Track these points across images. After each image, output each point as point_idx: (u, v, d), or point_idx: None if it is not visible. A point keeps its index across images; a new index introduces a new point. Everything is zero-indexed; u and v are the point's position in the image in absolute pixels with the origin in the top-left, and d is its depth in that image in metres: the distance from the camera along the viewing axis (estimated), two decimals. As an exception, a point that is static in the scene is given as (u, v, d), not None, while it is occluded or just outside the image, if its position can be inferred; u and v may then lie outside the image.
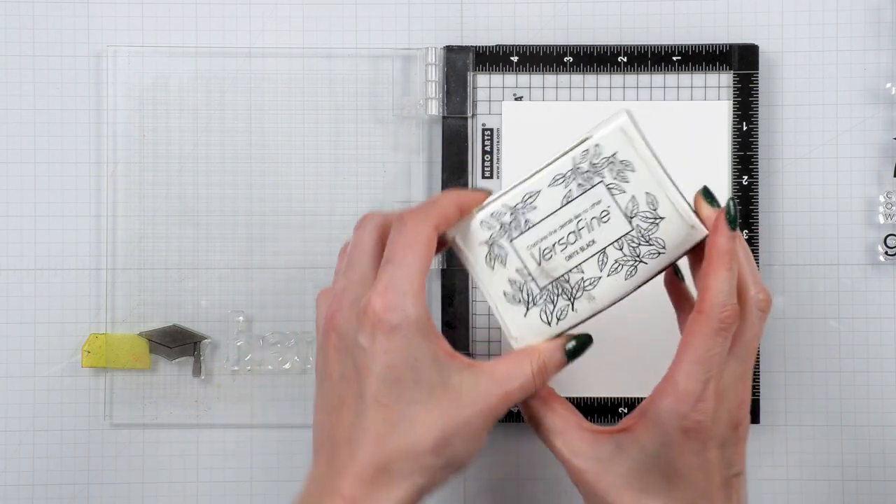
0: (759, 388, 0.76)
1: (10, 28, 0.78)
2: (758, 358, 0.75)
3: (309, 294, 0.77)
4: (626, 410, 0.76)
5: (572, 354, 0.65)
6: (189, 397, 0.77)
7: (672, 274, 0.67)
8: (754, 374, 0.75)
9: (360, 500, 0.59)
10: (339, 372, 0.61)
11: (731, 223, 0.61)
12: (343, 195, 0.77)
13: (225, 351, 0.77)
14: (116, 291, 0.77)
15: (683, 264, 0.65)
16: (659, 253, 0.63)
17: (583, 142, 0.63)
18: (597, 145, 0.62)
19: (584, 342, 0.65)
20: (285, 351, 0.77)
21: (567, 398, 0.76)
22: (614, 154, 0.62)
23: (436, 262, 0.77)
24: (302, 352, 0.77)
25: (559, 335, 0.64)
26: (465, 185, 0.77)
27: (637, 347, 0.76)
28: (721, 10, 0.78)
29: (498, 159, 0.77)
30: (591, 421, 0.76)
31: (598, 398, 0.76)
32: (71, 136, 0.78)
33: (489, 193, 0.64)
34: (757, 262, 0.75)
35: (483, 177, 0.77)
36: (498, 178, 0.77)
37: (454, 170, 0.77)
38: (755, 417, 0.76)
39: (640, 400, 0.76)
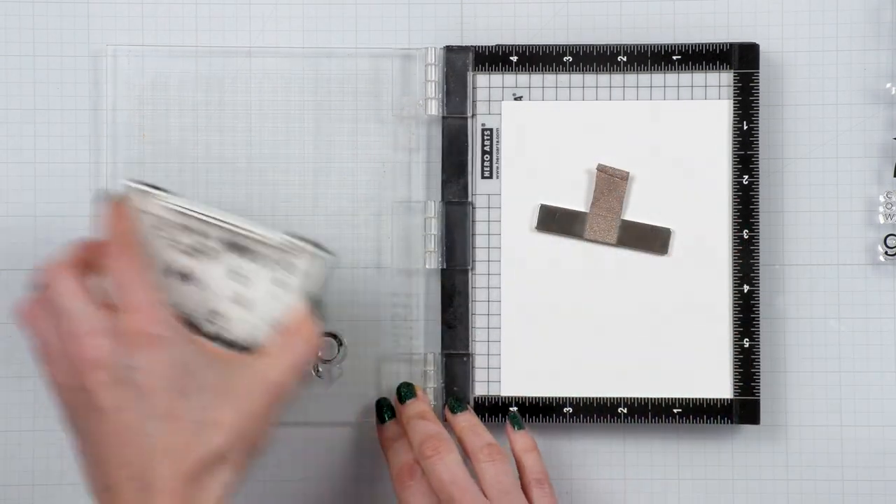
0: (759, 389, 0.76)
1: (9, 28, 0.78)
2: (758, 358, 0.75)
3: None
4: (625, 411, 0.76)
5: (318, 306, 0.68)
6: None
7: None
8: (755, 374, 0.75)
9: None
10: (115, 404, 0.61)
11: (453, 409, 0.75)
12: (343, 195, 0.77)
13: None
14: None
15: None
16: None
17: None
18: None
19: (319, 299, 0.68)
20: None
21: (567, 398, 0.76)
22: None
23: (435, 262, 0.77)
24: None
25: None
26: (465, 185, 0.77)
27: (637, 347, 0.76)
28: (721, 9, 0.78)
29: (497, 159, 0.77)
30: (592, 421, 0.76)
31: (597, 398, 0.76)
32: (70, 135, 0.78)
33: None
34: (757, 262, 0.76)
35: (483, 177, 0.77)
36: (497, 177, 0.77)
37: (454, 170, 0.77)
38: (755, 417, 0.76)
39: (640, 400, 0.76)
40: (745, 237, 0.76)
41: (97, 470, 0.62)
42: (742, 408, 0.75)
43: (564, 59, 0.76)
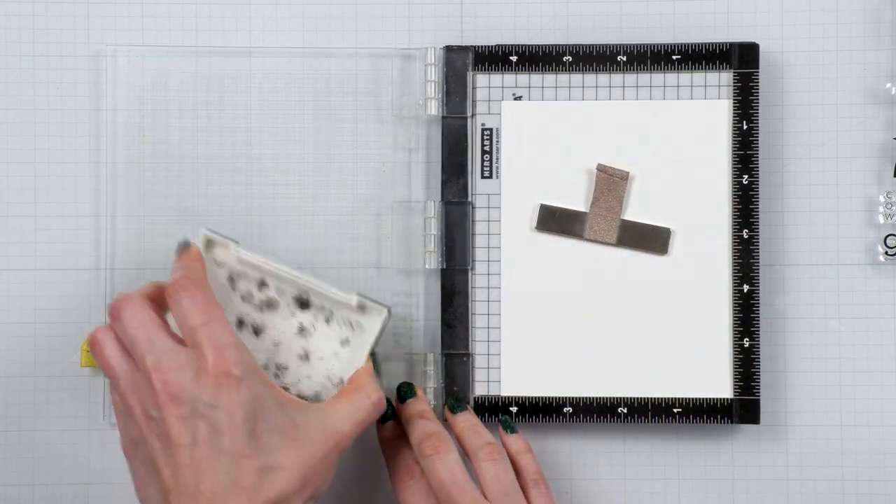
0: (759, 388, 0.76)
1: (10, 28, 0.78)
2: (758, 357, 0.75)
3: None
4: (625, 411, 0.76)
5: (377, 363, 0.72)
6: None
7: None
8: (755, 374, 0.75)
9: None
10: (190, 438, 0.63)
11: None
12: (343, 195, 0.77)
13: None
14: (116, 291, 0.77)
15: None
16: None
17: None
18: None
19: (377, 355, 0.73)
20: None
21: (567, 398, 0.76)
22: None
23: (435, 262, 0.77)
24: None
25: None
26: (465, 184, 0.77)
27: (637, 347, 0.76)
28: (721, 9, 0.78)
29: (497, 159, 0.77)
30: (592, 421, 0.76)
31: (597, 398, 0.76)
32: (70, 135, 0.78)
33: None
34: (757, 262, 0.76)
35: (483, 176, 0.77)
36: (497, 177, 0.77)
37: (454, 170, 0.77)
38: (755, 417, 0.76)
39: (640, 400, 0.76)
40: (745, 237, 0.76)
41: (162, 500, 0.64)
42: (742, 408, 0.75)
43: (564, 59, 0.76)
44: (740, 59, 0.76)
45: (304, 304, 0.71)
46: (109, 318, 0.67)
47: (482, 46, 0.77)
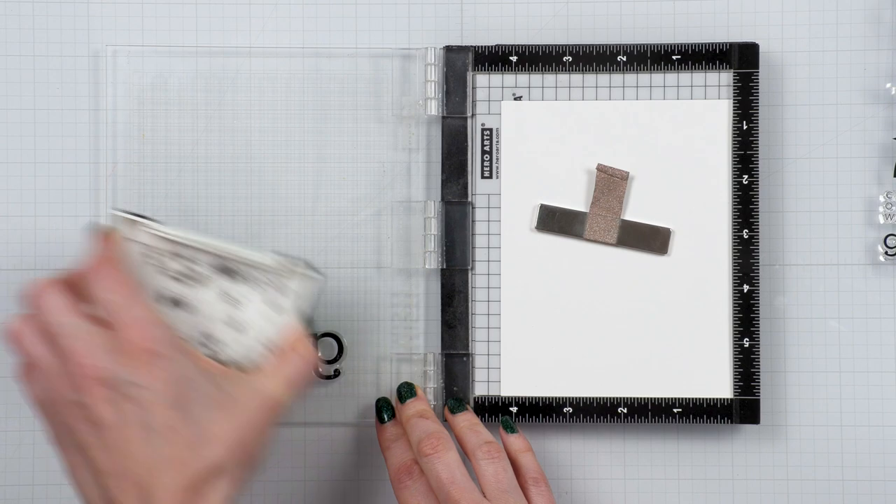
0: (759, 388, 0.76)
1: (10, 28, 0.78)
2: (758, 358, 0.75)
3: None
4: (625, 411, 0.76)
5: (309, 325, 0.70)
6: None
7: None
8: (755, 374, 0.75)
9: None
10: (116, 419, 0.62)
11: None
12: (343, 195, 0.77)
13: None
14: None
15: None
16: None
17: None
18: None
19: (310, 318, 0.70)
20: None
21: (567, 398, 0.76)
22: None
23: (435, 262, 0.77)
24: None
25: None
26: (465, 184, 0.77)
27: (637, 347, 0.76)
28: (721, 9, 0.78)
29: (497, 159, 0.77)
30: (592, 421, 0.76)
31: (598, 398, 0.76)
32: (70, 136, 0.78)
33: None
34: (757, 262, 0.76)
35: (483, 176, 0.77)
36: (497, 177, 0.77)
37: (454, 169, 0.77)
38: (755, 417, 0.76)
39: (640, 400, 0.76)
40: (745, 237, 0.76)
41: (96, 484, 0.63)
42: (742, 407, 0.75)
43: (564, 59, 0.76)
44: (740, 59, 0.76)
45: (224, 270, 0.69)
46: (25, 306, 0.65)
47: (482, 46, 0.77)
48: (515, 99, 0.77)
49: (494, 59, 0.77)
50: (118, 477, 0.62)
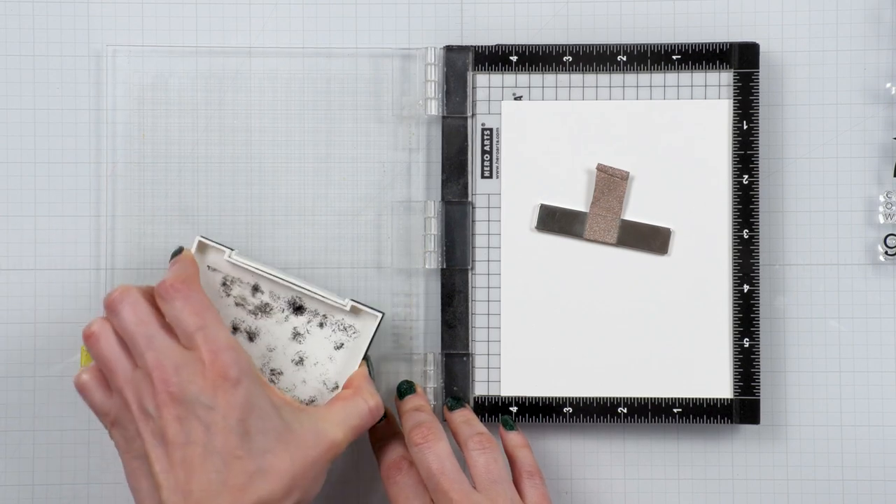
0: (759, 388, 0.76)
1: (9, 28, 0.78)
2: (758, 358, 0.75)
3: (309, 294, 0.77)
4: (625, 411, 0.76)
5: (370, 366, 0.73)
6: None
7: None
8: (755, 374, 0.75)
9: None
10: (185, 437, 0.64)
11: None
12: (343, 195, 0.77)
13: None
14: (116, 291, 0.77)
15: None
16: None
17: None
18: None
19: (370, 359, 0.74)
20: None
21: (567, 398, 0.76)
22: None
23: (435, 262, 0.77)
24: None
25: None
26: (465, 184, 0.77)
27: (637, 347, 0.76)
28: (721, 9, 0.78)
29: (497, 159, 0.77)
30: (592, 421, 0.76)
31: (598, 398, 0.76)
32: (71, 135, 0.78)
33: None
34: (757, 262, 0.76)
35: (483, 176, 0.77)
36: (497, 177, 0.77)
37: (454, 169, 0.77)
38: (755, 417, 0.75)
39: (639, 400, 0.76)
40: (745, 237, 0.76)
41: (151, 494, 0.65)
42: (742, 408, 0.75)
43: (564, 59, 0.76)
44: (740, 59, 0.76)
45: (297, 308, 0.71)
46: (106, 310, 0.67)
47: (482, 46, 0.77)
48: (515, 99, 0.77)
49: (494, 59, 0.77)
50: (174, 492, 0.64)
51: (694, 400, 0.76)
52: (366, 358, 0.72)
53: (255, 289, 0.71)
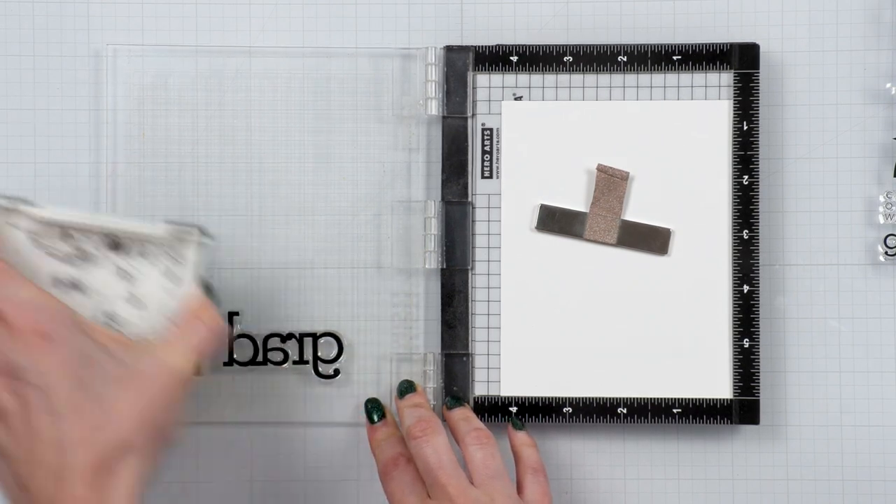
0: (759, 389, 0.76)
1: (10, 28, 0.78)
2: (758, 358, 0.75)
3: (309, 292, 0.77)
4: (625, 411, 0.76)
5: (210, 291, 0.68)
6: (189, 396, 0.77)
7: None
8: (755, 374, 0.75)
9: (92, 502, 0.61)
10: (19, 405, 0.61)
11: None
12: (343, 195, 0.77)
13: (225, 349, 0.77)
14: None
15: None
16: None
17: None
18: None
19: (209, 284, 0.69)
20: (285, 349, 0.77)
21: (567, 398, 0.76)
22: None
23: (435, 262, 0.77)
24: (302, 350, 0.77)
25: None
26: (465, 184, 0.77)
27: (637, 348, 0.76)
28: (721, 9, 0.78)
29: (497, 159, 0.77)
30: (592, 421, 0.76)
31: (598, 398, 0.76)
32: (70, 135, 0.78)
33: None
34: (757, 262, 0.76)
35: (483, 176, 0.77)
36: (497, 177, 0.77)
37: (454, 169, 0.77)
38: (755, 417, 0.75)
39: (639, 400, 0.76)
40: (745, 237, 0.76)
41: (9, 471, 0.63)
42: (742, 408, 0.75)
43: (564, 59, 0.76)
44: (740, 60, 0.76)
45: (115, 247, 0.68)
46: None
47: (482, 46, 0.77)
48: (516, 99, 0.77)
49: (495, 59, 0.77)
50: (29, 463, 0.62)
51: (694, 400, 0.76)
52: (204, 285, 0.69)
53: (66, 235, 0.68)
